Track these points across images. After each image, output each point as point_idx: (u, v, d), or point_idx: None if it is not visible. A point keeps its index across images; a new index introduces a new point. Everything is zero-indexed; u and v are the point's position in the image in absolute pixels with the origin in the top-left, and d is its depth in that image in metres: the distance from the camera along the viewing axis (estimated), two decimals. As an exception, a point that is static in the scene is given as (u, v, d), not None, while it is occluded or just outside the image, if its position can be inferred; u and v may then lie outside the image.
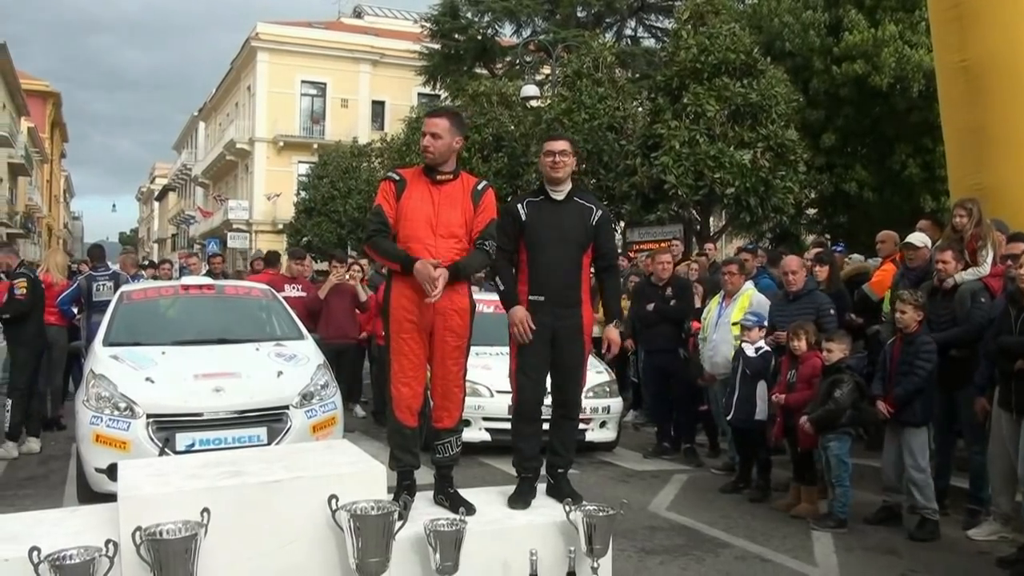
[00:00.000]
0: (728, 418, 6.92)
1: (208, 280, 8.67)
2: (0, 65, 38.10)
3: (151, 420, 5.62)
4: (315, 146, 36.58)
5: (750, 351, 6.72)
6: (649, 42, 30.00)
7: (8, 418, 8.05)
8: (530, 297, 4.77)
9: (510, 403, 5.01)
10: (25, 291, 7.91)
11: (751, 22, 15.80)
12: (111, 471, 4.87)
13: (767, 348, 6.76)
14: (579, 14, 28.85)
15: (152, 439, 5.56)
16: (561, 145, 4.84)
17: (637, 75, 24.56)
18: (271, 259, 11.32)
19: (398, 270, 4.46)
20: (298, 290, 9.85)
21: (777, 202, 13.52)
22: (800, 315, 6.58)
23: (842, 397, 5.86)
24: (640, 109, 16.23)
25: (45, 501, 6.05)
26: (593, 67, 16.59)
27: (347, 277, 10.02)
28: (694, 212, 14.90)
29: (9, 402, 8.06)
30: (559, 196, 4.86)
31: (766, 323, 6.91)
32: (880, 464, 6.22)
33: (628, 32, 30.66)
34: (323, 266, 18.30)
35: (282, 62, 37.92)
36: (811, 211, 17.24)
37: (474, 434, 7.41)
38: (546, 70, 25.21)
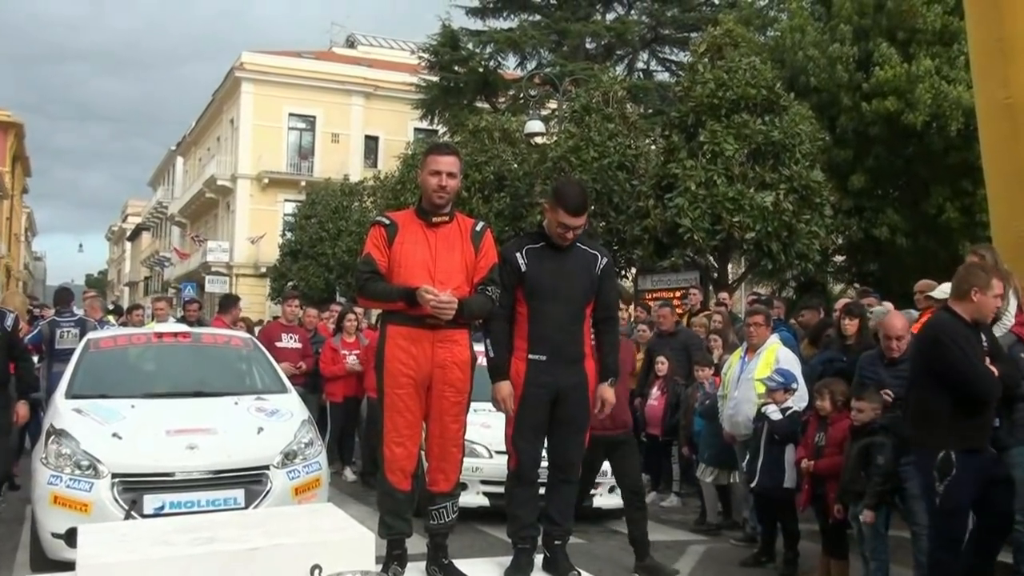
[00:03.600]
0: (752, 485, 6.84)
1: (184, 327, 8.66)
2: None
3: (117, 480, 5.56)
4: (303, 183, 36.80)
5: (775, 415, 6.67)
6: (663, 76, 30.42)
7: None
8: (530, 356, 4.72)
9: (508, 465, 4.96)
10: None
11: (773, 55, 15.95)
12: (70, 536, 4.81)
13: (795, 408, 6.71)
14: (588, 46, 29.26)
15: (117, 501, 5.50)
16: (581, 220, 4.79)
17: (650, 111, 24.82)
18: (225, 304, 11.19)
19: (401, 308, 4.44)
20: (294, 340, 9.81)
21: (801, 248, 13.52)
22: (900, 382, 5.97)
23: (886, 464, 5.78)
24: (653, 147, 16.31)
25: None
26: (603, 102, 16.71)
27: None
28: (711, 258, 14.89)
29: None
30: (562, 243, 4.84)
31: (795, 384, 6.85)
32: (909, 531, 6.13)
33: (640, 65, 31.11)
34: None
35: (268, 94, 38.31)
36: (838, 258, 17.25)
37: (471, 499, 7.33)
38: (552, 105, 25.43)
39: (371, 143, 39.84)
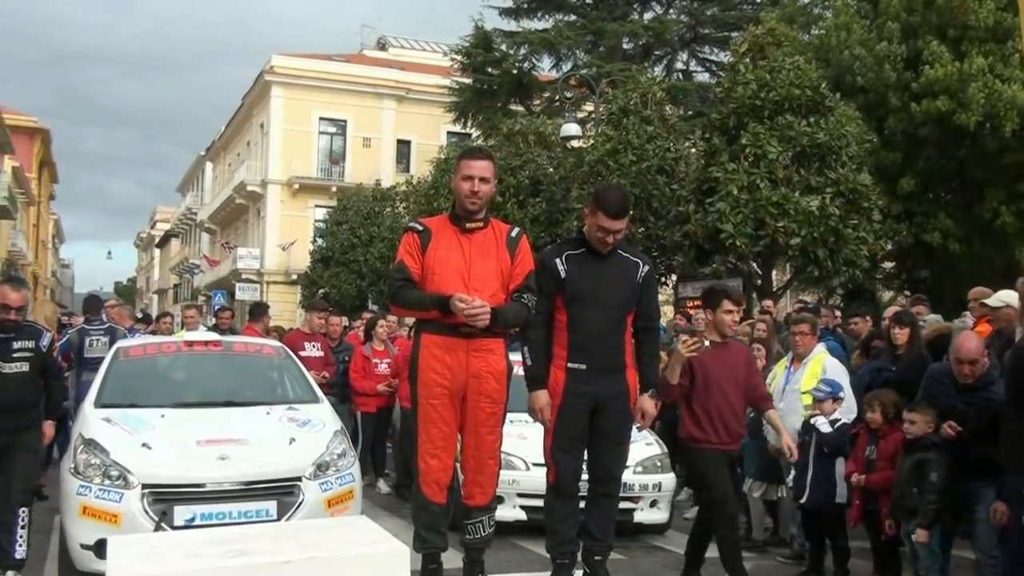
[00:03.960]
0: (802, 501, 6.76)
1: (214, 336, 8.72)
2: (-23, 99, 38.93)
3: (147, 491, 5.60)
4: (334, 189, 37.03)
5: (824, 427, 6.59)
6: (703, 77, 30.26)
7: None
8: (569, 365, 4.72)
9: (547, 478, 4.94)
10: None
11: (818, 54, 15.84)
12: (99, 548, 4.85)
13: (844, 420, 6.63)
14: (625, 46, 29.19)
15: (147, 512, 5.53)
16: (622, 224, 4.81)
17: (690, 113, 24.71)
18: (256, 312, 11.29)
19: (435, 317, 4.44)
20: (317, 349, 9.86)
21: (849, 254, 13.40)
22: (977, 410, 5.76)
23: (939, 482, 5.68)
24: (693, 150, 16.24)
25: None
26: (641, 104, 16.67)
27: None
28: (754, 265, 14.79)
29: None
30: (602, 250, 4.82)
31: (842, 394, 6.77)
32: (974, 555, 6.03)
33: (679, 66, 30.99)
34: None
35: (299, 97, 38.57)
36: (888, 264, 17.07)
37: (508, 512, 7.30)
38: (588, 107, 25.40)
39: (403, 147, 39.98)
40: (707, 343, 5.84)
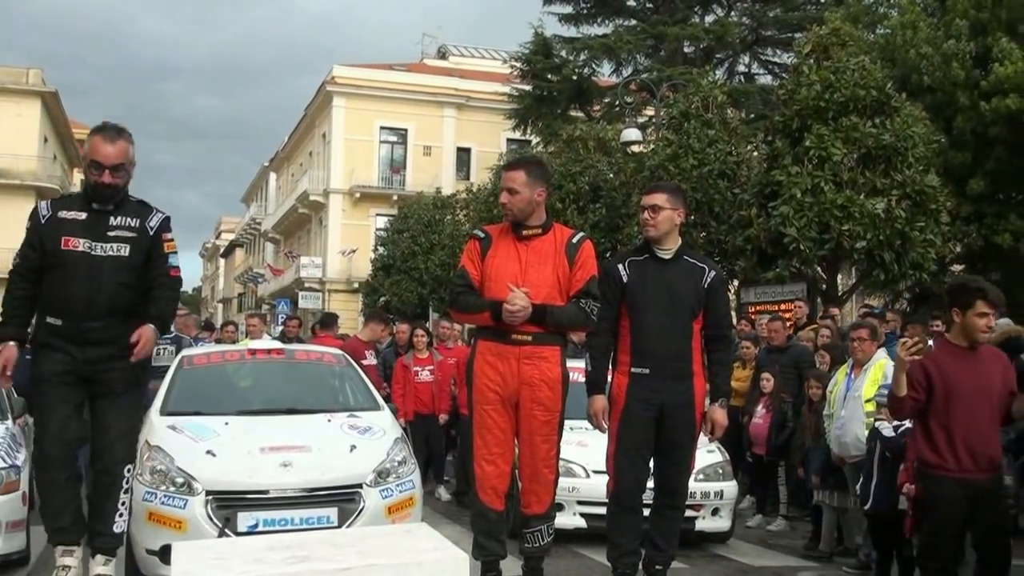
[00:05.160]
0: (867, 508, 6.65)
1: (277, 344, 8.84)
2: (52, 114, 40.20)
3: (211, 497, 5.68)
4: (395, 197, 37.38)
5: (888, 431, 6.47)
6: (765, 79, 30.02)
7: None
8: (633, 370, 4.72)
9: (608, 486, 4.93)
10: None
11: (883, 54, 15.61)
12: (164, 553, 4.94)
13: (908, 425, 6.50)
14: (686, 50, 29.04)
15: (211, 518, 5.61)
16: (654, 198, 4.82)
17: (752, 116, 24.51)
18: (327, 321, 11.48)
19: (489, 322, 4.48)
20: (374, 358, 9.95)
21: (916, 257, 13.17)
22: None
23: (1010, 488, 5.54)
24: (756, 153, 16.10)
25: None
26: (702, 107, 16.59)
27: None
28: (819, 269, 14.61)
29: None
30: (666, 255, 4.82)
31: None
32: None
33: (741, 68, 30.79)
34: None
35: (360, 107, 39.04)
36: (957, 267, 16.73)
37: (567, 520, 7.29)
38: (649, 112, 25.33)
39: (463, 155, 40.21)
40: (931, 343, 5.42)
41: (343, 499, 5.83)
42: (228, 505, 5.65)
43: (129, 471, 4.90)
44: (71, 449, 4.72)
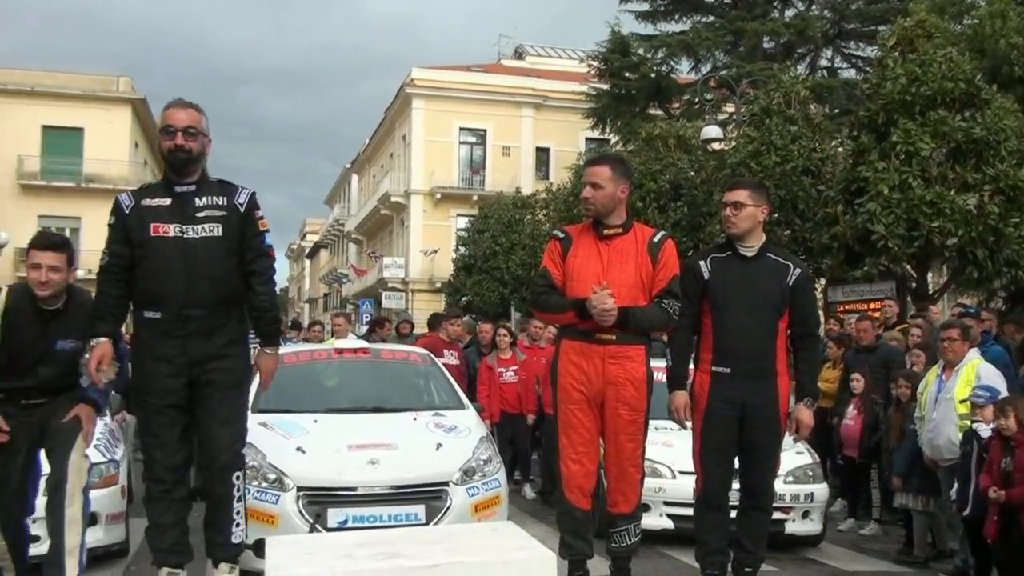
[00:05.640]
0: (965, 513, 6.45)
1: (363, 343, 8.96)
2: (141, 120, 41.39)
3: (301, 493, 5.78)
4: (475, 198, 37.63)
5: (986, 433, 6.28)
6: (849, 73, 29.43)
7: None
8: (714, 368, 4.68)
9: (694, 486, 4.89)
10: None
11: (971, 45, 15.17)
12: (257, 547, 5.02)
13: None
14: (766, 45, 28.63)
15: (302, 514, 5.70)
16: (736, 195, 4.77)
17: (836, 111, 24.08)
18: (434, 322, 11.58)
19: (573, 321, 4.48)
20: (454, 357, 9.99)
21: (1010, 254, 12.76)
22: None
23: None
24: (840, 149, 15.80)
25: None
26: (784, 103, 16.33)
27: None
28: (908, 267, 14.27)
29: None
30: (749, 252, 4.77)
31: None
32: None
33: (824, 63, 30.22)
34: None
35: (439, 109, 39.37)
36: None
37: (654, 520, 7.24)
38: (729, 108, 25.02)
39: (542, 155, 40.27)
40: None
41: (430, 497, 5.87)
42: (318, 501, 5.74)
43: (239, 478, 4.77)
44: (178, 473, 4.63)
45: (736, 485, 4.88)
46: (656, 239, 4.65)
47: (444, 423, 6.69)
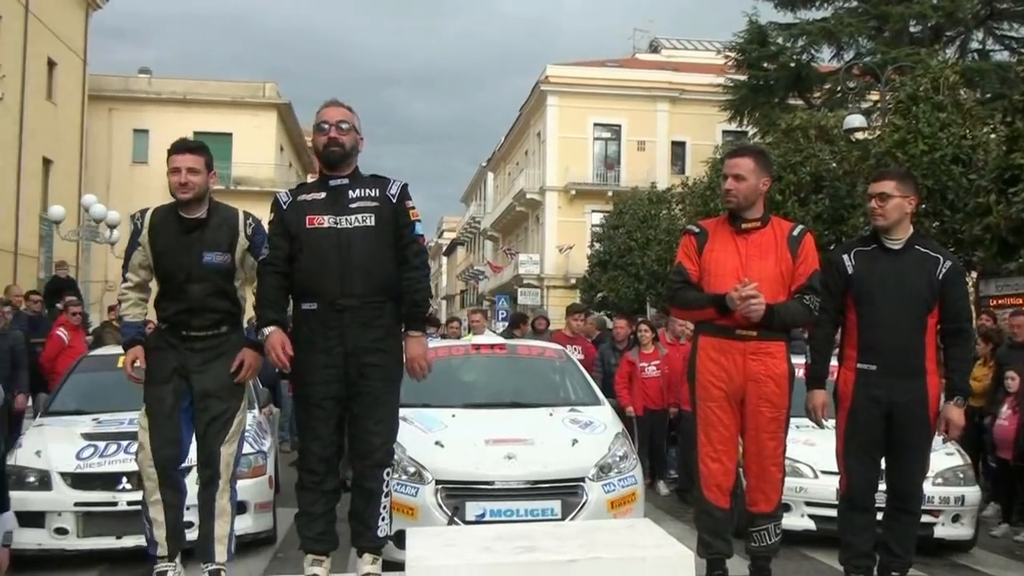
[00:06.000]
0: None
1: (500, 339, 9.05)
2: (287, 124, 42.82)
3: (440, 486, 5.87)
4: (609, 193, 37.48)
5: None
6: (1002, 55, 27.99)
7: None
8: (859, 365, 4.54)
9: (838, 487, 4.76)
10: None
11: None
12: (398, 538, 5.13)
13: None
14: (912, 29, 27.56)
15: (441, 507, 5.80)
16: (882, 186, 4.60)
17: (988, 96, 23.03)
18: (515, 320, 11.61)
19: (711, 317, 4.42)
20: (578, 352, 9.98)
21: None
22: None
23: None
24: (993, 136, 15.11)
25: (333, 566, 6.49)
26: (932, 89, 15.73)
27: None
28: (1067, 259, 13.51)
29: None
30: (895, 245, 4.61)
31: None
32: None
33: (975, 46, 28.87)
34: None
35: (573, 105, 39.41)
36: None
37: (795, 521, 7.06)
38: (873, 96, 24.21)
39: (677, 149, 39.85)
40: None
41: (566, 492, 5.89)
42: (456, 495, 5.82)
43: (388, 474, 4.80)
44: (330, 464, 4.72)
45: (882, 486, 4.72)
46: (795, 233, 4.54)
47: (580, 419, 6.69)
